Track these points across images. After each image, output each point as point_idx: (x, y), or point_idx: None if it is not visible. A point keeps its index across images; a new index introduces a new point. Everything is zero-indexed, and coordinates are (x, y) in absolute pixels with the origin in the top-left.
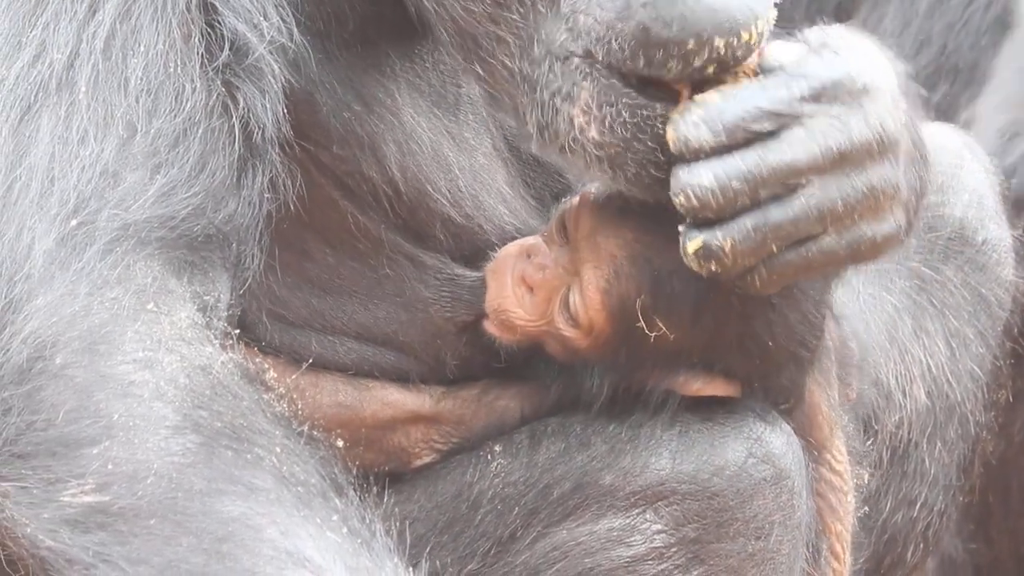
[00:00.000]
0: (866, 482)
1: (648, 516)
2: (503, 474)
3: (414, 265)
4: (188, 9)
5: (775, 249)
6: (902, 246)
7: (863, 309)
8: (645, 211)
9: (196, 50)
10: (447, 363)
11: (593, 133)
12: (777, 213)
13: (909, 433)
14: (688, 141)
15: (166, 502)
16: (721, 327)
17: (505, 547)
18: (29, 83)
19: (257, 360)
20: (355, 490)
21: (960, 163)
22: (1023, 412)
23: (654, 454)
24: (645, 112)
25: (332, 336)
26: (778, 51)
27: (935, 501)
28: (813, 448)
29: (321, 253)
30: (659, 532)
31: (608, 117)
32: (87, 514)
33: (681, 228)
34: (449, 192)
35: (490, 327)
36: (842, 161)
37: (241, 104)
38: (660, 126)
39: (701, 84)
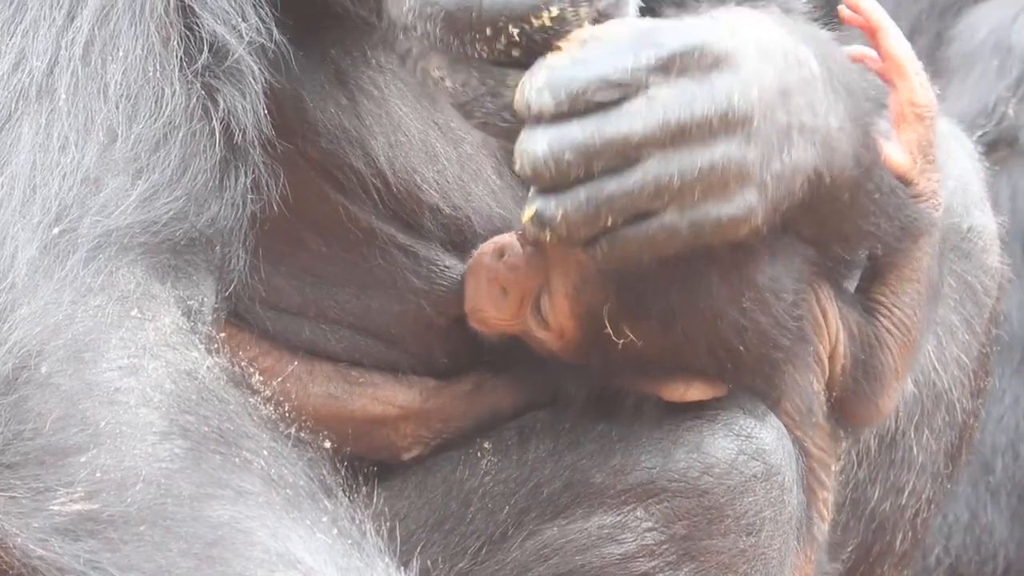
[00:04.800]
0: (849, 455)
1: (639, 514)
2: (493, 472)
3: (406, 256)
4: (166, 12)
5: (610, 222)
6: (757, 231)
7: None
8: None
9: (175, 53)
10: (437, 357)
11: (448, 83)
12: (612, 185)
13: (896, 421)
14: (530, 105)
15: (155, 508)
16: (691, 335)
17: (496, 545)
18: (9, 91)
19: (243, 364)
20: (344, 491)
21: (945, 150)
22: None
23: (644, 452)
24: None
25: (325, 324)
26: (635, 20)
27: (923, 489)
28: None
29: (315, 244)
30: (650, 530)
31: (456, 72)
32: (77, 522)
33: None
34: (437, 182)
35: (473, 323)
36: (683, 136)
37: (221, 106)
38: (502, 82)
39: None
